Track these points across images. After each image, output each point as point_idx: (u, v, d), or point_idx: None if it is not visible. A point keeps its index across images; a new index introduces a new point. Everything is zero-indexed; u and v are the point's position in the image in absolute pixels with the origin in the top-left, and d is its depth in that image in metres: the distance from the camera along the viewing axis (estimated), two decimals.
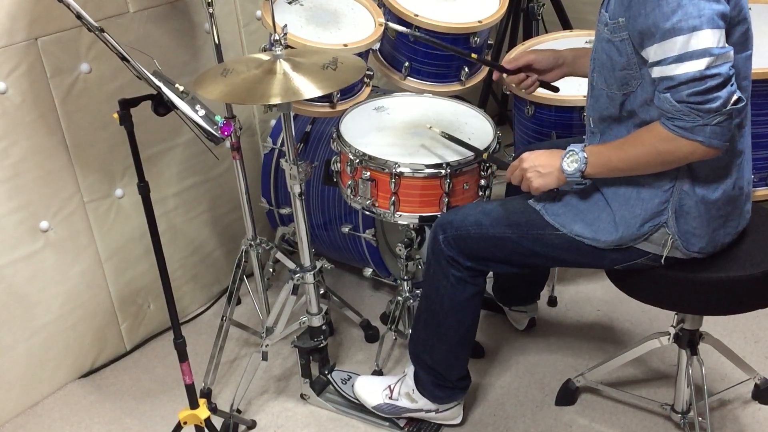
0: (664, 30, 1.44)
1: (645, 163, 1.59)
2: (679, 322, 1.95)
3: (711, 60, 1.43)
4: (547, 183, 1.72)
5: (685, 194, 1.63)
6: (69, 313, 2.34)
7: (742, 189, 1.68)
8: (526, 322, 2.49)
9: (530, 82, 1.99)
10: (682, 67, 1.44)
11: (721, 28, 1.44)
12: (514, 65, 1.97)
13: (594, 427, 2.14)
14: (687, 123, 1.47)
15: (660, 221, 1.67)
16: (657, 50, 1.47)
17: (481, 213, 1.86)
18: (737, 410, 2.15)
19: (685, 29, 1.42)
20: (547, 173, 1.71)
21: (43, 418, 2.30)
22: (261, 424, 2.22)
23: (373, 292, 2.76)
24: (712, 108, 1.45)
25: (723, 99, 1.44)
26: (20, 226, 2.15)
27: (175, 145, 2.48)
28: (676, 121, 1.49)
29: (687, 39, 1.43)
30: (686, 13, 1.42)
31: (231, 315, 2.33)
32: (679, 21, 1.43)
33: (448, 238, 1.86)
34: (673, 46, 1.44)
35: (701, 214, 1.65)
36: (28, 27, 2.02)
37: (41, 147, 2.14)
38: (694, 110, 1.46)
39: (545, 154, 1.74)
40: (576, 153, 1.65)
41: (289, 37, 2.04)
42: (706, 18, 1.42)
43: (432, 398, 2.06)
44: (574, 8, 3.19)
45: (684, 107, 1.46)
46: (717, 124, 1.46)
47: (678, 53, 1.44)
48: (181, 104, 1.61)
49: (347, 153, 2.03)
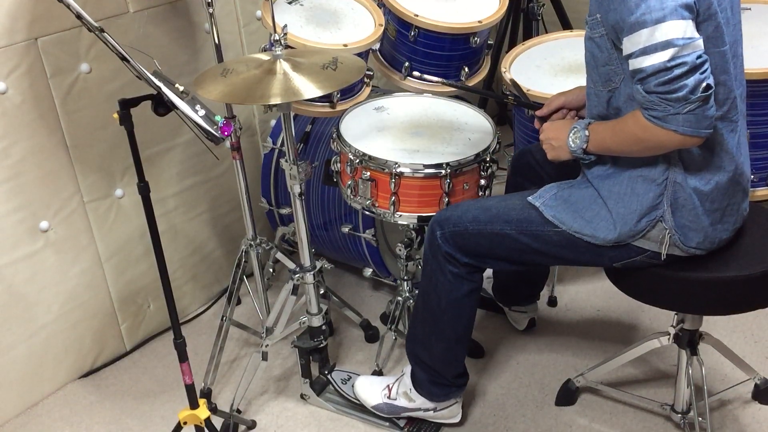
0: (630, 24, 1.48)
1: (631, 147, 1.62)
2: (679, 322, 1.95)
3: (675, 50, 1.46)
4: (558, 155, 1.79)
5: (678, 186, 1.65)
6: (69, 313, 2.34)
7: (739, 183, 1.69)
8: (526, 323, 2.49)
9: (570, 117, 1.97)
10: (649, 59, 1.48)
11: (686, 19, 1.46)
12: (546, 111, 1.98)
13: (594, 427, 2.14)
14: (659, 112, 1.51)
15: (656, 215, 1.68)
16: (626, 44, 1.52)
17: (480, 209, 1.86)
18: (737, 410, 2.15)
19: (649, 22, 1.46)
20: (558, 146, 1.78)
21: (43, 418, 2.30)
22: (261, 424, 2.22)
23: (373, 292, 2.76)
24: (680, 96, 1.47)
25: (690, 86, 1.46)
26: (20, 226, 2.15)
27: (175, 145, 2.48)
28: (650, 111, 1.52)
29: (651, 31, 1.46)
30: (649, 6, 1.46)
31: (231, 315, 2.33)
32: (643, 14, 1.46)
33: (445, 234, 1.86)
34: (639, 38, 1.48)
35: (696, 206, 1.66)
36: (28, 27, 2.02)
37: (41, 147, 2.14)
38: (663, 100, 1.49)
39: (557, 127, 1.81)
40: (579, 130, 1.71)
41: (289, 37, 2.04)
42: (668, 10, 1.45)
43: (429, 396, 2.06)
44: (574, 8, 3.19)
45: (654, 97, 1.50)
46: (688, 112, 1.48)
47: (643, 46, 1.48)
48: (181, 104, 1.61)
49: (347, 153, 2.03)
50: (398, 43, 2.34)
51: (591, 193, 1.75)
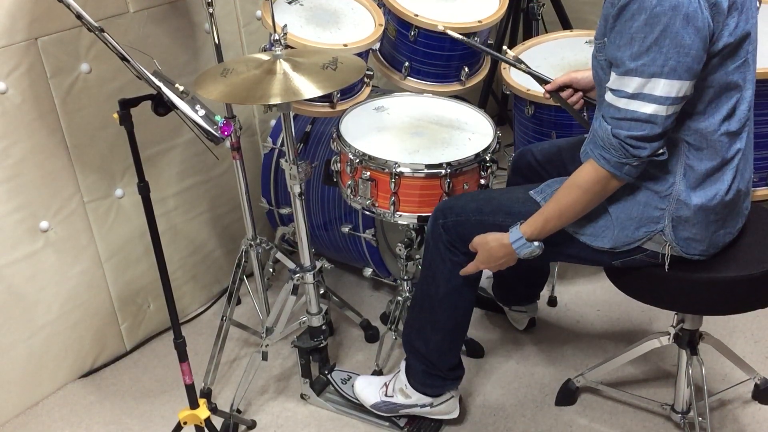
0: (627, 68, 1.50)
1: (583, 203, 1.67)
2: (679, 322, 1.95)
3: (659, 108, 1.50)
4: (509, 262, 1.81)
5: (682, 204, 1.65)
6: (69, 313, 2.34)
7: (740, 190, 1.68)
8: (526, 322, 2.50)
9: (576, 98, 2.01)
10: (631, 105, 1.52)
11: (682, 80, 1.48)
12: (553, 87, 1.99)
13: (594, 427, 2.14)
14: (612, 156, 1.57)
15: (656, 229, 1.68)
16: (615, 80, 1.55)
17: (483, 200, 1.87)
18: (737, 410, 2.15)
19: (645, 74, 1.49)
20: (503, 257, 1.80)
21: (43, 418, 2.30)
22: (261, 424, 2.22)
23: (373, 292, 2.76)
24: (639, 155, 1.56)
25: (650, 151, 1.55)
26: (20, 226, 2.15)
27: (175, 145, 2.48)
28: (604, 151, 1.58)
29: (644, 83, 1.50)
30: (652, 59, 1.47)
31: (231, 315, 2.33)
32: (643, 65, 1.48)
33: (447, 223, 1.87)
34: (630, 83, 1.51)
35: (700, 221, 1.66)
36: (28, 27, 2.02)
37: (41, 147, 2.14)
38: (624, 149, 1.55)
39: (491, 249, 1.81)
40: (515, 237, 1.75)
41: (289, 37, 2.04)
42: (668, 69, 1.47)
43: (423, 389, 2.05)
44: (574, 8, 3.19)
45: (617, 143, 1.56)
46: (635, 166, 1.58)
47: (632, 92, 1.52)
48: (181, 104, 1.61)
49: (347, 153, 2.03)
50: (398, 43, 2.35)
51: None
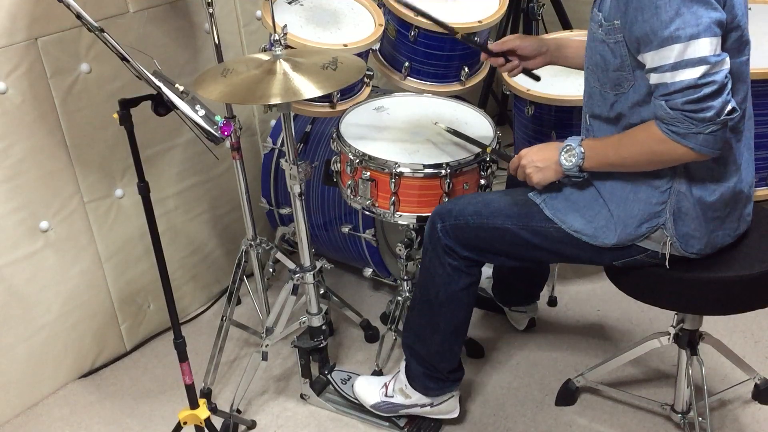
0: (662, 38, 1.45)
1: (639, 161, 1.61)
2: (679, 322, 1.95)
3: (707, 68, 1.44)
4: (546, 177, 1.75)
5: (682, 196, 1.64)
6: (69, 313, 2.34)
7: (742, 192, 1.68)
8: (525, 323, 2.49)
9: (511, 66, 2.01)
10: (679, 75, 1.46)
11: (717, 36, 1.45)
12: (498, 48, 1.98)
13: (594, 427, 2.14)
14: (681, 129, 1.49)
15: (658, 223, 1.67)
16: (654, 57, 1.48)
17: (481, 203, 1.86)
18: (737, 410, 2.15)
19: (683, 37, 1.44)
20: (545, 167, 1.74)
21: (43, 418, 2.30)
22: (261, 424, 2.22)
23: (373, 292, 2.76)
24: (705, 117, 1.46)
25: (717, 108, 1.46)
26: (20, 226, 2.15)
27: (175, 145, 2.48)
28: (670, 126, 1.50)
29: (684, 47, 1.44)
30: (684, 21, 1.43)
31: (231, 315, 2.33)
32: (677, 29, 1.44)
33: (446, 227, 1.86)
34: (670, 53, 1.45)
35: (698, 215, 1.65)
36: (28, 27, 2.02)
37: (41, 147, 2.14)
38: (688, 118, 1.47)
39: (543, 149, 1.77)
40: (573, 148, 1.68)
41: (289, 37, 2.04)
42: (703, 26, 1.43)
43: (424, 391, 2.05)
44: (574, 8, 3.19)
45: (678, 114, 1.48)
46: (710, 132, 1.48)
47: (675, 61, 1.45)
48: (181, 104, 1.61)
49: (347, 153, 2.03)
50: (398, 43, 2.34)
51: (592, 193, 1.75)
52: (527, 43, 1.96)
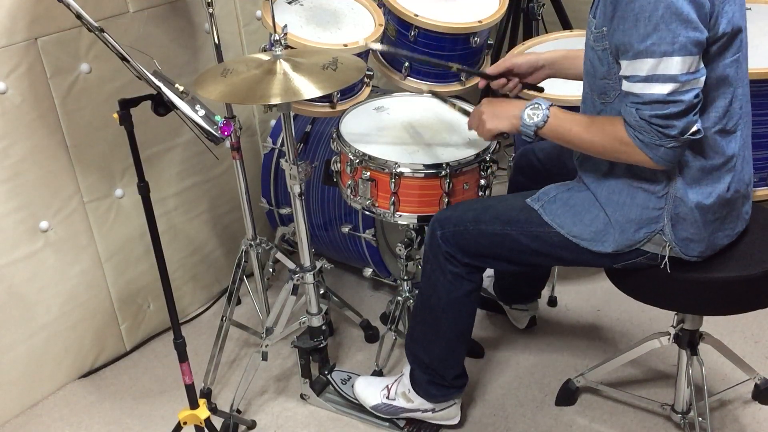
0: (637, 50, 1.48)
1: (596, 149, 1.64)
2: (679, 322, 1.95)
3: (676, 86, 1.47)
4: (498, 126, 1.78)
5: (679, 201, 1.64)
6: (69, 313, 2.34)
7: (739, 191, 1.68)
8: (526, 321, 2.49)
9: (512, 86, 2.02)
10: (648, 88, 1.49)
11: (693, 55, 1.47)
12: (495, 71, 2.00)
13: (594, 427, 2.14)
14: (646, 138, 1.53)
15: (656, 228, 1.68)
16: (628, 66, 1.52)
17: (480, 209, 1.86)
18: (737, 410, 2.15)
19: (657, 53, 1.46)
20: (503, 116, 1.77)
21: (43, 418, 2.30)
22: (261, 424, 2.22)
23: (373, 292, 2.76)
24: (669, 134, 1.51)
25: (679, 128, 1.50)
26: (20, 226, 2.15)
27: (175, 145, 2.48)
28: (637, 132, 1.54)
29: (657, 63, 1.47)
30: (661, 37, 1.45)
31: (231, 315, 2.33)
32: (653, 44, 1.46)
33: (446, 234, 1.86)
34: (643, 66, 1.48)
35: (697, 220, 1.65)
36: (28, 27, 2.02)
37: (41, 147, 2.14)
38: (654, 130, 1.51)
39: (508, 101, 1.80)
40: (540, 107, 1.70)
41: (289, 37, 2.04)
42: (679, 45, 1.45)
43: (428, 397, 2.06)
44: (574, 8, 3.19)
45: (645, 125, 1.52)
46: (671, 147, 1.53)
47: (646, 74, 1.49)
48: (181, 104, 1.61)
49: (347, 153, 2.03)
50: (398, 43, 2.34)
51: (589, 197, 1.75)
52: (521, 61, 1.97)
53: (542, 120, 1.68)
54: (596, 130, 1.63)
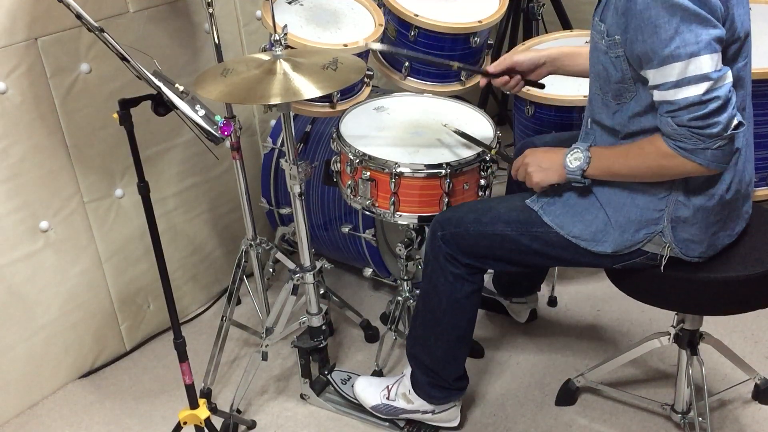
0: (663, 56, 1.46)
1: (645, 173, 1.61)
2: (679, 322, 1.95)
3: (710, 84, 1.45)
4: (547, 178, 1.76)
5: (680, 204, 1.64)
6: (69, 313, 2.34)
7: (740, 191, 1.68)
8: (527, 314, 2.49)
9: (514, 83, 2.02)
10: (682, 92, 1.46)
11: (717, 52, 1.46)
12: (496, 69, 2.00)
13: (594, 427, 2.14)
14: (688, 145, 1.50)
15: (655, 230, 1.68)
16: (656, 75, 1.49)
17: (480, 210, 1.87)
18: (737, 410, 2.15)
19: (683, 56, 1.44)
20: (548, 168, 1.75)
21: (43, 418, 2.30)
22: (261, 424, 2.22)
23: (373, 292, 2.76)
24: (713, 133, 1.47)
25: (723, 124, 1.47)
26: (20, 226, 2.15)
27: (175, 145, 2.48)
28: (678, 142, 1.51)
29: (685, 65, 1.45)
30: (684, 39, 1.44)
31: (231, 315, 2.33)
32: (677, 48, 1.44)
33: (446, 235, 1.87)
34: (672, 71, 1.46)
35: (699, 221, 1.66)
36: (28, 27, 2.02)
37: (41, 147, 2.14)
38: (695, 134, 1.48)
39: (549, 151, 1.79)
40: (580, 151, 1.69)
41: (289, 37, 2.04)
42: (703, 43, 1.44)
43: (428, 398, 2.06)
44: (574, 8, 3.19)
45: (685, 131, 1.48)
46: (718, 148, 1.49)
47: (676, 79, 1.46)
48: (181, 104, 1.61)
49: (347, 153, 2.03)
50: (398, 43, 2.34)
51: (590, 198, 1.75)
52: (523, 59, 1.97)
53: (585, 162, 1.67)
54: (636, 152, 1.61)
